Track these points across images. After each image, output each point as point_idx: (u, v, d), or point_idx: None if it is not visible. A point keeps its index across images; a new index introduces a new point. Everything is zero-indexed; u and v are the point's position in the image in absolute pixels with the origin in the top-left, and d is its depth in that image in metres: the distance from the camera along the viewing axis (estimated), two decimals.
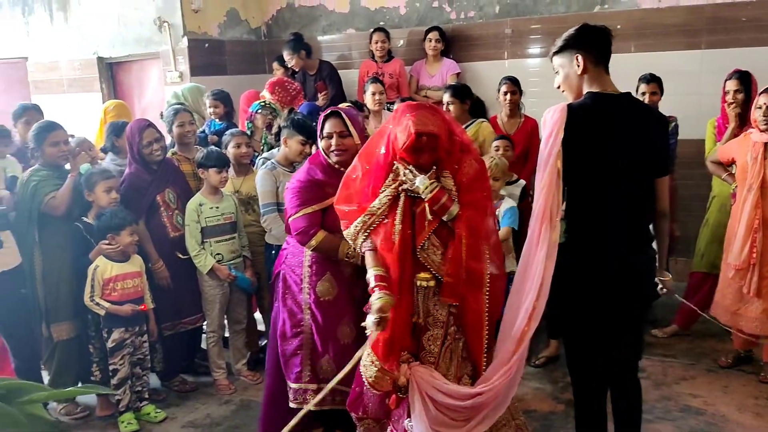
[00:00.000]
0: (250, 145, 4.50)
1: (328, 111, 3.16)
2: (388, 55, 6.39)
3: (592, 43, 2.68)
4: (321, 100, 6.16)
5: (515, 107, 5.08)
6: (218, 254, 4.09)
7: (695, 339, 4.66)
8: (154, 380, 4.22)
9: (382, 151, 2.70)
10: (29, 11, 7.50)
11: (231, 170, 4.27)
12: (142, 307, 3.83)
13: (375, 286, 2.60)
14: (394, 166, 2.68)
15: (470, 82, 5.78)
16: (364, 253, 2.75)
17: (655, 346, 4.53)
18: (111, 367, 3.76)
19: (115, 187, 3.90)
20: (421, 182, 2.60)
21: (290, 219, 3.09)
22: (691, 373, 4.18)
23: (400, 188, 2.66)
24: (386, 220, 2.66)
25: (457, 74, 6.15)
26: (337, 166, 3.08)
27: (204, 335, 4.39)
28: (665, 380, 4.08)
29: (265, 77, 6.74)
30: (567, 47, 2.70)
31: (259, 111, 4.81)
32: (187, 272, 4.13)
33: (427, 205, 2.61)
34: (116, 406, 3.84)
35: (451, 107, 4.84)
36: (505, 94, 5.02)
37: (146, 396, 3.95)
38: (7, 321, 3.80)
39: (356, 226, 2.71)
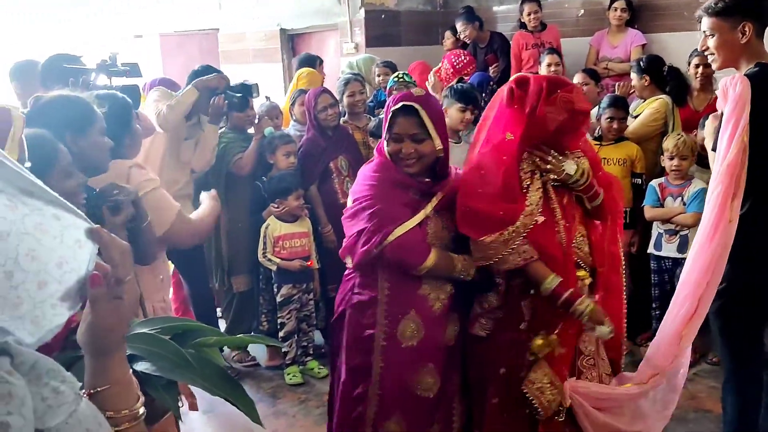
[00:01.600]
0: None
1: (398, 104, 2.36)
2: (541, 25, 6.11)
3: (762, 12, 2.50)
4: (492, 72, 6.03)
5: (708, 81, 4.64)
6: None
7: None
8: (318, 338, 4.41)
9: (510, 136, 2.33)
10: None
11: None
12: (309, 263, 3.98)
13: (573, 292, 2.24)
14: (525, 155, 2.35)
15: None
16: (522, 265, 2.27)
17: None
18: (279, 321, 3.96)
19: (294, 152, 4.07)
20: (571, 168, 2.30)
21: (387, 241, 2.36)
22: None
23: (542, 179, 2.34)
24: (536, 220, 2.30)
25: (643, 46, 5.72)
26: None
27: None
28: None
29: (437, 49, 6.72)
30: (733, 11, 2.50)
31: (395, 87, 4.73)
32: None
33: (581, 193, 2.37)
34: (283, 358, 4.05)
35: (635, 82, 4.55)
36: (697, 66, 4.60)
37: (311, 352, 4.12)
38: (189, 272, 4.10)
39: (512, 231, 2.26)
